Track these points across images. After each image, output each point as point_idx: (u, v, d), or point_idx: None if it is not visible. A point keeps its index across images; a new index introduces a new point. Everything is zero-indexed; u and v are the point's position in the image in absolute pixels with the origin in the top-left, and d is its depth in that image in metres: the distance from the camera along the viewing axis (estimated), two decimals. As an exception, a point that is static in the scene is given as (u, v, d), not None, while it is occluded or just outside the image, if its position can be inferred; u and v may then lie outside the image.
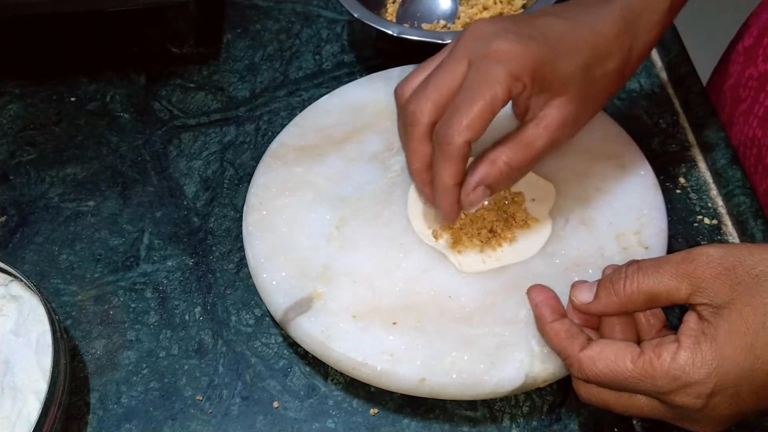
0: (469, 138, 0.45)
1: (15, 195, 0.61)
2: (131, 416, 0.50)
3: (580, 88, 0.47)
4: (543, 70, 0.45)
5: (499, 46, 0.45)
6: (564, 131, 0.47)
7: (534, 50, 0.45)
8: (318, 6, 0.73)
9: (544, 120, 0.47)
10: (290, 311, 0.50)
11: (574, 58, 0.46)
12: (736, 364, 0.38)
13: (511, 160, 0.47)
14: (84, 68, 0.69)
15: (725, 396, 0.39)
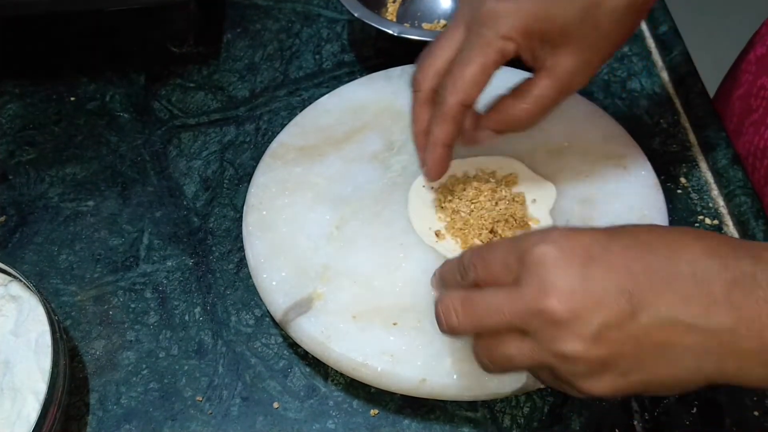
0: (461, 99, 0.47)
1: (14, 195, 0.61)
2: (131, 417, 0.50)
3: (583, 33, 0.46)
4: (537, 24, 0.45)
5: (489, 7, 0.46)
6: (574, 79, 0.47)
7: (525, 6, 0.45)
8: (318, 5, 0.73)
9: (553, 71, 0.47)
10: (290, 311, 0.50)
11: (569, 4, 0.46)
12: None
13: (521, 112, 0.48)
14: (83, 68, 0.69)
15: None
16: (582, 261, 0.38)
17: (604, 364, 0.38)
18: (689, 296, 0.37)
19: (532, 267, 0.38)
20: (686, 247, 0.38)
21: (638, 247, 0.38)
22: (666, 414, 0.48)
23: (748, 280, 0.36)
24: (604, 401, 0.42)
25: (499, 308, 0.39)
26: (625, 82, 0.66)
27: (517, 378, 0.46)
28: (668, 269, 0.37)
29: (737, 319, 0.36)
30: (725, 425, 0.48)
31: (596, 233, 0.39)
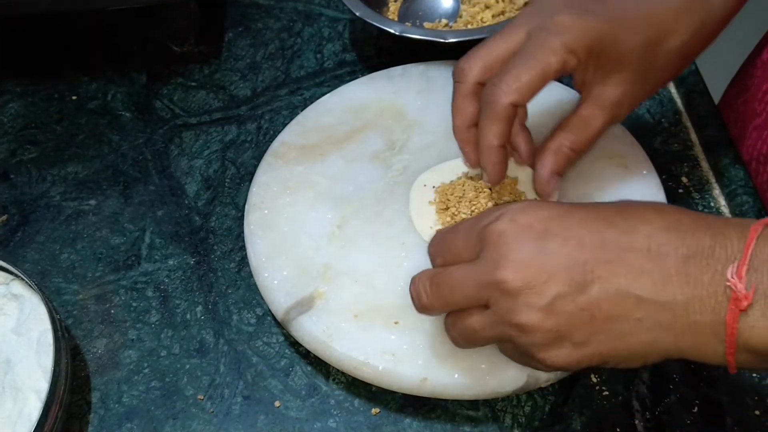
0: (515, 100, 0.46)
1: (16, 194, 0.61)
2: (132, 415, 0.50)
3: (640, 66, 0.46)
4: (601, 45, 0.45)
5: (558, 19, 0.45)
6: (621, 110, 0.48)
7: (593, 25, 0.45)
8: (320, 4, 0.73)
9: (600, 99, 0.47)
10: (292, 310, 0.50)
11: (635, 35, 0.46)
12: None
13: (573, 144, 0.48)
14: (85, 67, 0.69)
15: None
16: (538, 234, 0.39)
17: (559, 335, 0.39)
18: (642, 270, 0.37)
19: (490, 243, 0.40)
20: (646, 221, 0.38)
21: (596, 220, 0.39)
22: (667, 413, 0.49)
23: (705, 255, 0.37)
24: (570, 371, 0.42)
25: (461, 282, 0.41)
26: (626, 82, 0.65)
27: (518, 377, 0.47)
28: (623, 242, 0.38)
29: (691, 294, 0.37)
30: (726, 425, 0.48)
31: (556, 207, 0.40)
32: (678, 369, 0.50)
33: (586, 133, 0.48)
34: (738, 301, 0.35)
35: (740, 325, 0.36)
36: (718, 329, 0.36)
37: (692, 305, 0.37)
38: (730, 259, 0.36)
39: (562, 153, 0.48)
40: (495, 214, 0.41)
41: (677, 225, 0.38)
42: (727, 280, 0.36)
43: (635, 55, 0.46)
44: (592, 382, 0.50)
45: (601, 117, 0.47)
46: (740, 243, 0.36)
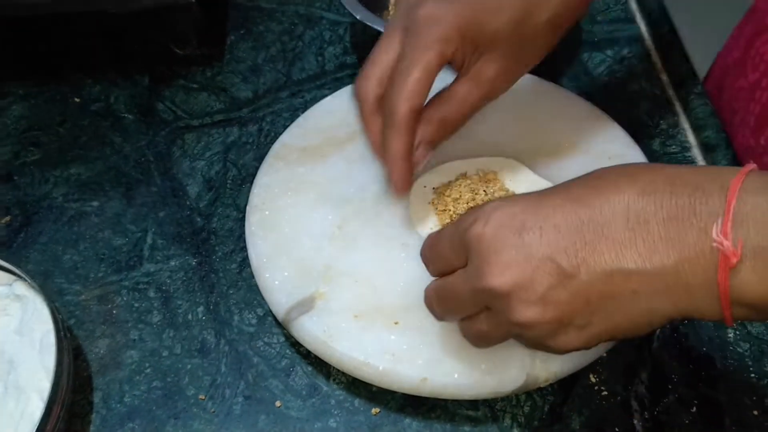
0: (411, 106, 0.47)
1: (19, 195, 0.62)
2: (134, 415, 0.50)
3: (510, 43, 0.47)
4: (470, 28, 0.46)
5: (425, 11, 0.46)
6: (496, 85, 0.49)
7: (459, 10, 0.46)
8: (321, 8, 0.73)
9: (477, 76, 0.48)
10: (292, 311, 0.50)
11: (502, 14, 0.47)
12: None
13: (445, 116, 0.48)
14: (88, 69, 0.69)
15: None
16: (515, 231, 0.39)
17: (561, 323, 0.39)
18: (624, 242, 0.37)
19: (472, 248, 0.40)
20: (618, 191, 0.38)
21: (568, 203, 0.39)
22: (666, 413, 0.49)
23: (686, 215, 0.36)
24: (585, 349, 0.42)
25: (459, 293, 0.42)
26: (625, 84, 0.66)
27: (517, 377, 0.47)
28: (600, 219, 0.37)
29: (679, 257, 0.36)
30: (725, 424, 0.48)
31: (527, 199, 0.40)
32: (677, 369, 0.51)
33: (459, 106, 0.48)
34: (727, 259, 0.35)
35: (732, 282, 0.35)
36: (711, 288, 0.36)
37: (682, 268, 0.36)
38: (713, 216, 0.35)
39: (432, 123, 0.48)
40: (471, 217, 0.41)
41: (652, 187, 0.37)
42: (713, 240, 0.35)
43: (505, 34, 0.47)
44: (591, 382, 0.50)
45: (476, 92, 0.48)
46: (721, 197, 0.35)
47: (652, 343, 0.52)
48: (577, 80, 0.66)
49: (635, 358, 0.51)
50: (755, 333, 0.52)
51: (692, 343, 0.51)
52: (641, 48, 0.68)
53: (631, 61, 0.67)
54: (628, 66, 0.67)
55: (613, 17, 0.71)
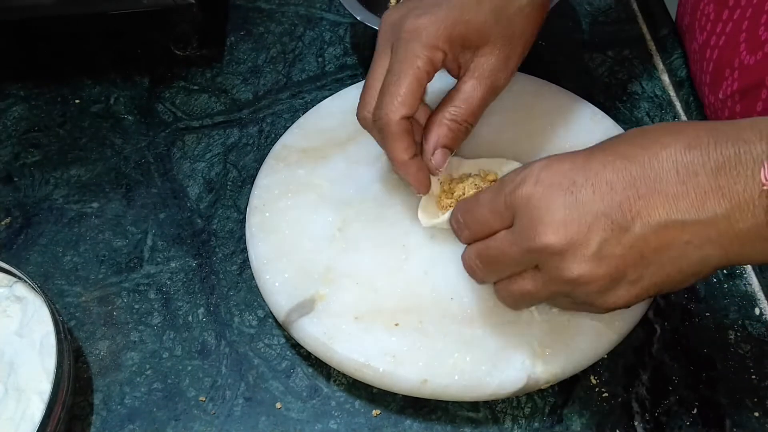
0: (403, 114, 0.47)
1: (19, 197, 0.62)
2: (134, 417, 0.50)
3: (499, 32, 0.48)
4: (456, 30, 0.47)
5: (410, 25, 0.47)
6: (497, 75, 0.49)
7: (442, 15, 0.47)
8: (321, 9, 0.73)
9: (476, 71, 0.48)
10: (293, 312, 0.50)
11: (481, 7, 0.47)
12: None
13: (455, 116, 0.48)
14: (88, 71, 0.69)
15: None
16: (566, 189, 0.40)
17: (613, 279, 0.40)
18: (677, 194, 0.38)
19: (521, 209, 0.41)
20: (665, 147, 0.39)
21: (618, 160, 0.40)
22: (666, 414, 0.49)
23: (732, 164, 0.37)
24: (630, 306, 0.43)
25: (507, 253, 0.42)
26: (626, 85, 0.66)
27: (518, 378, 0.47)
28: (651, 174, 0.39)
29: (729, 205, 0.37)
30: (726, 426, 0.48)
31: (575, 157, 0.41)
32: (677, 371, 0.50)
33: (467, 105, 0.48)
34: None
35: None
36: (762, 232, 0.37)
37: (733, 215, 0.37)
38: (758, 162, 0.37)
39: (444, 125, 0.49)
40: (517, 178, 0.42)
41: (697, 141, 0.38)
42: (762, 184, 0.36)
43: (490, 25, 0.48)
44: (592, 384, 0.50)
45: (480, 87, 0.48)
46: (762, 144, 0.37)
47: (653, 345, 0.51)
48: (578, 81, 0.66)
49: (636, 360, 0.51)
50: (756, 334, 0.52)
51: (693, 345, 0.51)
52: (642, 49, 0.68)
53: (632, 61, 0.67)
54: (629, 67, 0.67)
55: (614, 18, 0.71)
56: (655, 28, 0.69)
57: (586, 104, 0.60)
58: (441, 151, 0.49)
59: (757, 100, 0.54)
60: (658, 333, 0.52)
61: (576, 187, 0.40)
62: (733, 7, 0.57)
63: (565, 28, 0.70)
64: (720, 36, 0.58)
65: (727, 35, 0.57)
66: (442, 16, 0.47)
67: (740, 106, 0.56)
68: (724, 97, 0.58)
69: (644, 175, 0.39)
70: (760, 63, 0.54)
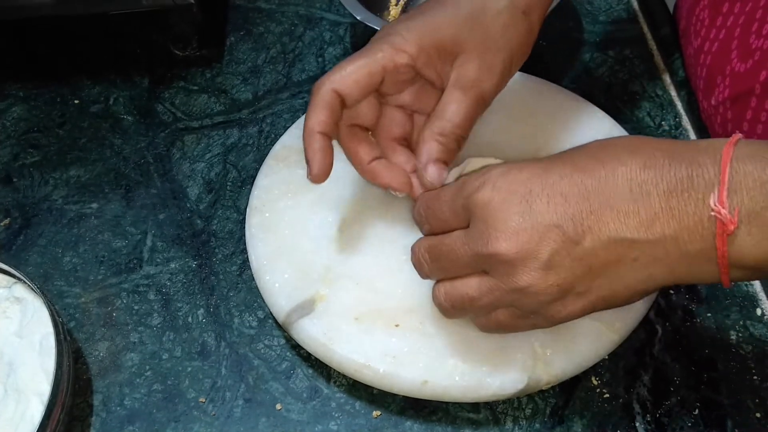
0: (335, 87, 0.46)
1: (18, 197, 0.62)
2: (134, 418, 0.50)
3: (475, 39, 0.47)
4: (428, 37, 0.46)
5: (386, 30, 0.48)
6: (482, 86, 0.47)
7: (415, 23, 0.47)
8: (321, 8, 0.73)
9: (458, 82, 0.47)
10: (293, 313, 0.50)
11: (456, 13, 0.47)
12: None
13: (442, 131, 0.47)
14: (87, 71, 0.69)
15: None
16: (522, 197, 0.40)
17: (561, 289, 0.40)
18: (628, 212, 0.39)
19: (476, 212, 0.41)
20: (622, 163, 0.39)
21: (575, 173, 0.40)
22: (668, 415, 0.49)
23: (684, 186, 0.38)
24: (575, 319, 0.42)
25: (458, 254, 0.42)
26: (626, 84, 0.66)
27: (519, 379, 0.47)
28: (606, 189, 0.39)
29: (678, 227, 0.38)
30: (727, 427, 0.48)
31: (534, 167, 0.41)
32: (679, 371, 0.50)
33: (452, 116, 0.47)
34: (724, 227, 0.37)
35: (729, 248, 0.37)
36: (709, 254, 0.38)
37: (681, 237, 0.38)
38: (710, 186, 0.37)
39: (432, 141, 0.47)
40: (477, 182, 0.42)
41: (653, 161, 0.39)
42: (711, 209, 0.37)
43: (465, 32, 0.47)
44: (593, 385, 0.50)
45: (464, 99, 0.47)
46: (715, 168, 0.37)
47: (654, 346, 0.51)
48: (578, 81, 0.66)
49: (637, 361, 0.51)
50: (757, 335, 0.52)
51: (694, 346, 0.51)
52: (643, 48, 0.68)
53: (632, 61, 0.67)
54: (630, 66, 0.67)
55: (614, 17, 0.71)
56: (656, 28, 0.69)
57: (587, 104, 0.60)
58: (434, 165, 0.47)
59: (747, 107, 0.55)
60: (659, 334, 0.52)
61: (532, 197, 0.40)
62: (726, 14, 0.57)
63: (565, 28, 0.70)
64: (713, 42, 0.59)
65: (720, 42, 0.58)
66: (417, 23, 0.47)
67: (731, 112, 0.57)
68: (716, 104, 0.58)
69: (599, 190, 0.39)
70: (750, 71, 0.54)
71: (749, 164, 0.37)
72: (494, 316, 0.43)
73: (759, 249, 0.37)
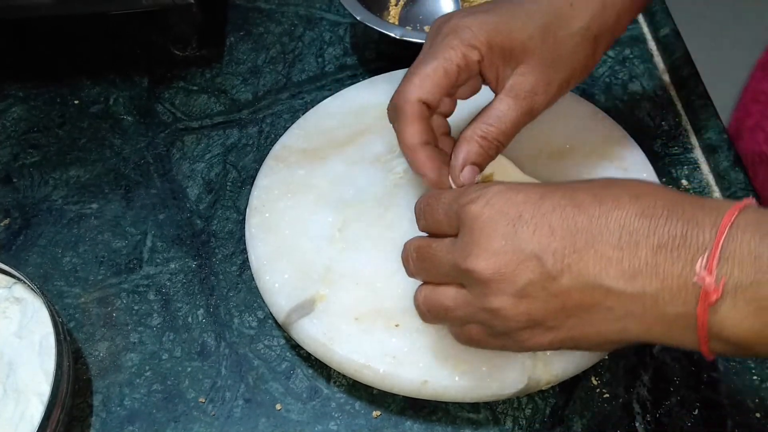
0: (419, 96, 0.46)
1: (18, 197, 0.62)
2: (134, 418, 0.50)
3: (544, 52, 0.46)
4: (499, 38, 0.46)
5: (454, 22, 0.46)
6: (536, 99, 0.47)
7: (489, 20, 0.46)
8: (321, 9, 0.73)
9: (513, 90, 0.47)
10: (293, 313, 0.50)
11: (531, 22, 0.46)
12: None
13: (486, 134, 0.47)
14: (87, 71, 0.69)
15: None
16: (510, 220, 0.39)
17: (532, 320, 0.39)
18: (611, 259, 0.37)
19: (466, 224, 0.40)
20: (619, 207, 0.38)
21: (569, 207, 0.39)
22: (668, 415, 0.49)
23: (676, 245, 0.36)
24: (546, 350, 0.43)
25: (440, 261, 0.42)
26: (626, 85, 0.66)
27: (519, 379, 0.47)
28: (595, 230, 0.38)
29: (661, 286, 0.36)
30: (727, 427, 0.48)
31: (531, 191, 0.40)
32: (678, 371, 0.50)
33: (499, 123, 0.47)
34: (707, 295, 0.35)
35: (711, 318, 0.35)
36: (689, 320, 0.36)
37: (662, 297, 0.36)
38: (701, 250, 0.35)
39: (474, 142, 0.47)
40: (473, 194, 0.41)
41: (651, 211, 0.37)
42: (696, 274, 0.35)
43: (536, 42, 0.46)
44: (593, 385, 0.50)
45: (515, 107, 0.47)
46: (712, 232, 0.35)
47: (654, 346, 0.51)
48: (578, 81, 0.66)
49: (637, 361, 0.51)
50: (758, 335, 0.51)
51: (694, 345, 0.51)
52: (643, 48, 0.68)
53: (632, 61, 0.67)
54: (630, 67, 0.67)
55: (614, 18, 0.70)
56: (655, 28, 0.69)
57: (587, 104, 0.60)
58: (470, 168, 0.47)
59: None
60: (659, 333, 0.52)
61: (520, 222, 0.39)
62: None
63: (565, 28, 0.70)
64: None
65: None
66: (488, 20, 0.46)
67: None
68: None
69: (588, 229, 0.38)
70: None
71: (749, 233, 0.35)
72: (467, 329, 0.43)
73: (741, 325, 0.35)
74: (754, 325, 0.35)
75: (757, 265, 0.34)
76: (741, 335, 0.35)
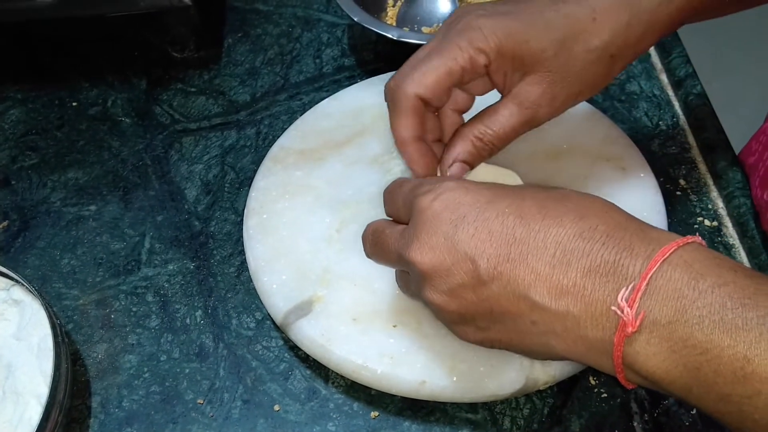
0: (417, 91, 0.45)
1: (17, 200, 0.62)
2: (132, 420, 0.50)
3: (555, 65, 0.45)
4: (512, 44, 0.44)
5: (470, 19, 0.45)
6: (539, 110, 0.46)
7: (503, 24, 0.44)
8: (318, 10, 0.73)
9: (517, 97, 0.46)
10: (291, 314, 0.50)
11: (548, 33, 0.44)
12: None
13: (482, 136, 0.47)
14: (85, 73, 0.69)
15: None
16: (453, 220, 0.40)
17: (462, 318, 0.41)
18: (542, 275, 0.38)
19: (415, 215, 0.42)
20: (561, 225, 0.38)
21: (512, 216, 0.39)
22: (666, 415, 0.49)
23: (605, 270, 0.36)
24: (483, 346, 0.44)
25: (389, 246, 0.43)
26: (624, 84, 0.66)
27: (516, 379, 0.47)
28: (532, 243, 0.38)
29: (584, 309, 0.37)
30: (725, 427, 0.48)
31: (481, 194, 0.41)
32: (676, 371, 0.50)
33: (497, 127, 0.46)
34: (624, 327, 0.35)
35: (626, 349, 0.36)
36: (606, 347, 0.37)
37: (583, 319, 0.37)
38: (629, 280, 0.36)
39: (469, 141, 0.47)
40: (428, 186, 0.42)
41: (590, 234, 0.37)
42: (615, 303, 0.35)
43: (549, 54, 0.44)
44: (591, 384, 0.50)
45: (517, 114, 0.46)
46: (644, 264, 0.36)
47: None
48: (575, 81, 0.66)
49: (635, 360, 0.51)
50: (755, 334, 0.51)
51: (692, 345, 0.51)
52: (640, 48, 0.68)
53: (629, 61, 0.67)
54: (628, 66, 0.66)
55: (611, 18, 0.70)
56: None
57: (585, 103, 0.60)
58: (459, 164, 0.47)
59: None
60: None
61: (462, 223, 0.39)
62: None
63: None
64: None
65: None
66: (504, 24, 0.44)
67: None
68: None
69: (525, 242, 0.38)
70: None
71: (678, 272, 0.35)
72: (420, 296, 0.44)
73: (652, 361, 0.35)
74: (663, 363, 0.35)
75: (678, 306, 0.34)
76: (651, 371, 0.36)
